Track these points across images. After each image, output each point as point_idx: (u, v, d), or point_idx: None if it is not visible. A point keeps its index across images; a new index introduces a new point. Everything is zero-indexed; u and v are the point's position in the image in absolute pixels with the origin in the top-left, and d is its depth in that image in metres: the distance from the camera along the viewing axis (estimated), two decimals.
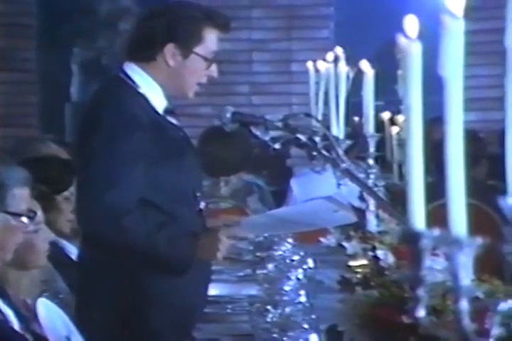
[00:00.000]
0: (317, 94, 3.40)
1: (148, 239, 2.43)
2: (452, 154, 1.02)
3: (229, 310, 2.71)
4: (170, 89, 2.60)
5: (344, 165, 2.74)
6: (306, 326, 2.19)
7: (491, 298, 1.88)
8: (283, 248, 2.77)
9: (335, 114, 3.29)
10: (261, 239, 2.93)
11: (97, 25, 7.31)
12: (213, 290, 2.76)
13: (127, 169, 2.45)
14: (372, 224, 3.10)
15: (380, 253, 2.95)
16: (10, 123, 6.46)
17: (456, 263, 1.00)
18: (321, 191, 3.38)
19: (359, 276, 2.90)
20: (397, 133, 4.79)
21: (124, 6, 7.36)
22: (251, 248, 3.10)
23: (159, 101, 2.60)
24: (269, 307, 2.27)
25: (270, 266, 2.61)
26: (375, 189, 3.01)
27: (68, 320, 2.31)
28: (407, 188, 1.05)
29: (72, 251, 2.94)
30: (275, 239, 2.82)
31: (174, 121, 2.64)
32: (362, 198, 3.08)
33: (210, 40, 2.59)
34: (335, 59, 3.35)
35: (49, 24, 7.01)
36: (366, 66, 3.17)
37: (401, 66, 1.06)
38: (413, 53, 1.04)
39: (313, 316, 2.23)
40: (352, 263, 3.01)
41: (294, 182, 4.68)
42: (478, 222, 1.13)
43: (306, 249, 2.83)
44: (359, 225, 3.08)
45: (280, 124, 2.71)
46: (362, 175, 2.98)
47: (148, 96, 2.58)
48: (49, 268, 2.62)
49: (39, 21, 6.69)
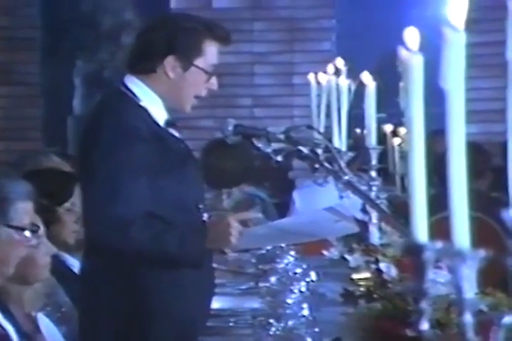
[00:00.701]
0: (319, 107, 3.40)
1: (157, 241, 2.44)
2: (455, 166, 1.02)
3: (232, 324, 2.70)
4: (169, 101, 2.61)
5: (346, 178, 2.74)
6: (309, 339, 2.18)
7: (495, 311, 1.87)
8: (285, 261, 2.76)
9: (337, 126, 3.30)
10: (263, 251, 2.93)
11: (100, 38, 7.33)
12: (216, 303, 2.75)
13: (130, 180, 2.46)
14: (375, 237, 3.10)
15: (383, 265, 2.94)
16: (12, 136, 6.47)
17: (459, 276, 1.00)
18: (323, 203, 3.37)
19: (362, 289, 2.89)
20: (399, 145, 4.79)
21: (126, 20, 7.38)
22: (253, 261, 3.10)
23: (160, 113, 2.61)
24: (272, 321, 2.26)
25: (273, 278, 2.61)
26: (378, 201, 3.01)
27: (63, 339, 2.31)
28: (410, 200, 1.05)
29: (74, 264, 2.94)
30: (278, 252, 2.81)
31: (176, 134, 2.64)
32: (364, 210, 3.08)
33: (211, 52, 2.59)
34: (336, 71, 3.36)
35: (51, 37, 7.03)
36: (368, 78, 3.18)
37: (402, 78, 1.06)
38: (415, 65, 1.04)
39: (317, 329, 2.23)
40: (355, 276, 3.00)
41: (296, 195, 4.67)
42: (481, 235, 1.13)
43: (309, 261, 2.82)
44: (362, 238, 3.07)
45: (282, 136, 2.71)
46: (364, 188, 2.98)
47: (149, 109, 2.59)
48: (51, 281, 2.61)
49: (41, 34, 6.71)
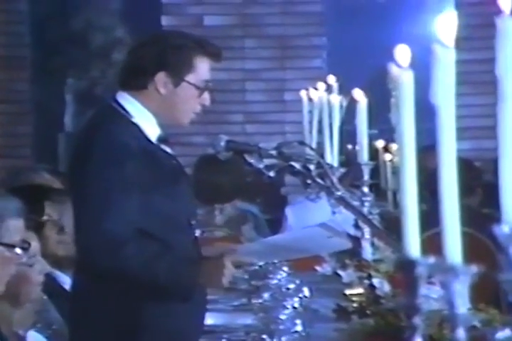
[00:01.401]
0: (311, 123, 3.41)
1: (149, 268, 2.42)
2: (446, 182, 1.02)
3: (224, 340, 2.69)
4: (163, 117, 2.61)
5: (339, 193, 2.74)
6: None
7: (488, 326, 1.87)
8: (278, 276, 2.76)
9: (329, 142, 3.30)
10: (256, 267, 2.92)
11: (91, 55, 7.35)
12: (209, 319, 2.74)
13: (122, 198, 2.45)
14: (367, 252, 3.10)
15: (375, 281, 2.94)
16: (3, 153, 6.46)
17: (452, 292, 1.00)
18: (315, 219, 3.37)
19: (355, 305, 2.88)
20: (391, 160, 4.80)
21: (117, 37, 7.40)
22: (246, 277, 3.09)
23: (152, 129, 2.61)
24: (265, 337, 2.26)
25: (266, 295, 2.60)
26: (370, 217, 3.01)
27: None
28: (402, 216, 1.05)
29: (65, 281, 2.93)
30: (270, 268, 2.81)
31: (168, 150, 2.64)
32: (357, 226, 3.08)
33: (202, 68, 2.59)
34: (327, 88, 3.37)
35: (42, 55, 7.04)
36: (359, 95, 3.19)
37: (393, 94, 1.07)
38: (405, 82, 1.05)
39: None
40: (348, 292, 3.00)
41: (288, 211, 4.67)
42: (472, 251, 1.13)
43: (302, 277, 2.82)
44: (354, 253, 3.07)
45: (274, 152, 2.71)
46: (356, 203, 2.98)
47: (141, 125, 2.59)
48: (42, 298, 2.60)
49: (33, 52, 6.71)
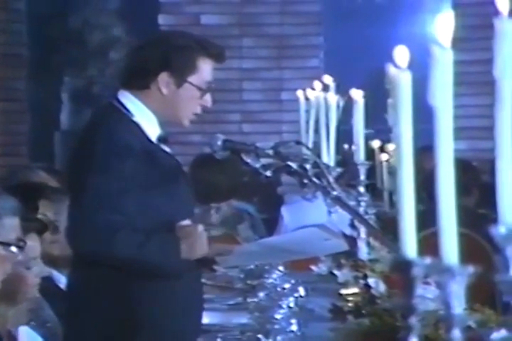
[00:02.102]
0: (307, 122, 3.41)
1: (140, 250, 2.44)
2: (443, 182, 1.02)
3: (220, 339, 2.69)
4: (164, 117, 2.62)
5: (335, 193, 2.74)
6: None
7: (484, 327, 1.87)
8: (274, 276, 2.76)
9: (325, 142, 3.30)
10: (252, 267, 2.92)
11: (88, 54, 7.34)
12: (204, 318, 2.74)
13: (117, 193, 2.46)
14: (363, 252, 3.10)
15: (371, 281, 2.94)
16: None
17: (448, 292, 1.00)
18: (311, 219, 3.37)
19: (350, 305, 2.89)
20: (387, 160, 4.80)
21: (114, 36, 7.39)
22: (242, 276, 3.09)
23: (153, 129, 2.61)
24: (260, 336, 2.26)
25: (261, 294, 2.60)
26: (366, 217, 3.01)
27: None
28: (399, 216, 1.05)
29: (60, 279, 2.93)
30: (266, 267, 2.81)
31: (167, 149, 2.64)
32: (353, 226, 3.08)
33: (204, 69, 2.60)
34: (324, 88, 3.37)
35: (39, 53, 7.03)
36: (357, 94, 3.19)
37: (391, 95, 1.07)
38: (403, 82, 1.05)
39: None
40: (343, 292, 3.00)
41: (284, 210, 4.67)
42: (469, 251, 1.13)
43: (297, 277, 2.82)
44: (350, 253, 3.07)
45: (271, 152, 2.71)
46: (353, 203, 2.98)
47: (141, 124, 2.59)
48: (37, 297, 2.60)
49: (29, 51, 6.71)
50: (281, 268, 2.82)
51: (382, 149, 4.79)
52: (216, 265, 2.61)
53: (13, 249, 2.10)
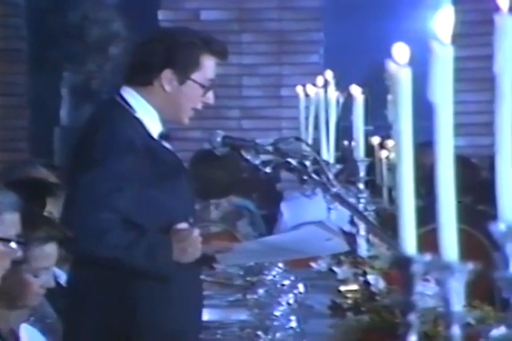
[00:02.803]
0: (307, 119, 3.41)
1: (128, 254, 2.43)
2: (443, 179, 1.02)
3: (219, 336, 2.69)
4: (166, 114, 2.61)
5: (334, 190, 2.74)
6: None
7: (483, 324, 1.87)
8: (273, 272, 2.76)
9: (325, 138, 3.30)
10: (251, 263, 2.92)
11: (87, 49, 7.33)
12: (203, 315, 2.74)
13: (114, 190, 2.45)
14: (363, 249, 3.10)
15: (370, 278, 2.94)
16: None
17: (447, 289, 1.00)
18: (311, 215, 3.37)
19: (350, 301, 2.89)
20: (387, 157, 4.80)
21: (114, 31, 7.39)
22: (241, 272, 3.09)
23: (155, 125, 2.61)
24: (259, 333, 2.26)
25: (261, 290, 2.60)
26: (366, 213, 3.01)
27: None
28: (398, 213, 1.05)
29: (59, 276, 2.92)
30: (265, 264, 2.81)
31: (168, 146, 2.64)
32: (352, 222, 3.08)
33: (208, 67, 2.59)
34: (324, 84, 3.37)
35: (39, 48, 7.02)
36: (356, 91, 3.18)
37: (391, 91, 1.07)
38: (403, 79, 1.05)
39: None
40: (343, 288, 3.00)
41: (284, 206, 4.67)
42: (468, 248, 1.13)
43: (297, 273, 2.82)
44: (350, 250, 3.07)
45: (270, 148, 2.71)
46: (352, 200, 2.98)
47: (143, 121, 2.59)
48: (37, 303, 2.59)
49: (29, 45, 6.70)
50: (280, 265, 2.82)
51: (382, 145, 4.79)
52: (216, 263, 2.60)
53: (13, 244, 2.09)
